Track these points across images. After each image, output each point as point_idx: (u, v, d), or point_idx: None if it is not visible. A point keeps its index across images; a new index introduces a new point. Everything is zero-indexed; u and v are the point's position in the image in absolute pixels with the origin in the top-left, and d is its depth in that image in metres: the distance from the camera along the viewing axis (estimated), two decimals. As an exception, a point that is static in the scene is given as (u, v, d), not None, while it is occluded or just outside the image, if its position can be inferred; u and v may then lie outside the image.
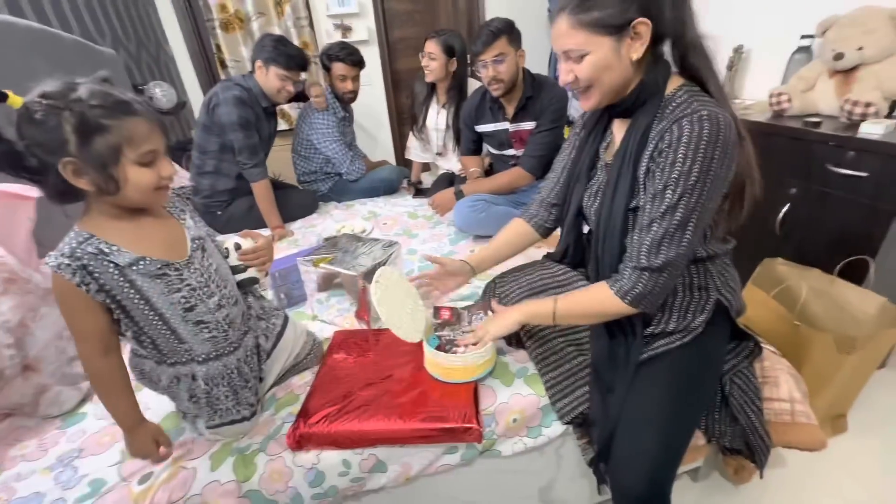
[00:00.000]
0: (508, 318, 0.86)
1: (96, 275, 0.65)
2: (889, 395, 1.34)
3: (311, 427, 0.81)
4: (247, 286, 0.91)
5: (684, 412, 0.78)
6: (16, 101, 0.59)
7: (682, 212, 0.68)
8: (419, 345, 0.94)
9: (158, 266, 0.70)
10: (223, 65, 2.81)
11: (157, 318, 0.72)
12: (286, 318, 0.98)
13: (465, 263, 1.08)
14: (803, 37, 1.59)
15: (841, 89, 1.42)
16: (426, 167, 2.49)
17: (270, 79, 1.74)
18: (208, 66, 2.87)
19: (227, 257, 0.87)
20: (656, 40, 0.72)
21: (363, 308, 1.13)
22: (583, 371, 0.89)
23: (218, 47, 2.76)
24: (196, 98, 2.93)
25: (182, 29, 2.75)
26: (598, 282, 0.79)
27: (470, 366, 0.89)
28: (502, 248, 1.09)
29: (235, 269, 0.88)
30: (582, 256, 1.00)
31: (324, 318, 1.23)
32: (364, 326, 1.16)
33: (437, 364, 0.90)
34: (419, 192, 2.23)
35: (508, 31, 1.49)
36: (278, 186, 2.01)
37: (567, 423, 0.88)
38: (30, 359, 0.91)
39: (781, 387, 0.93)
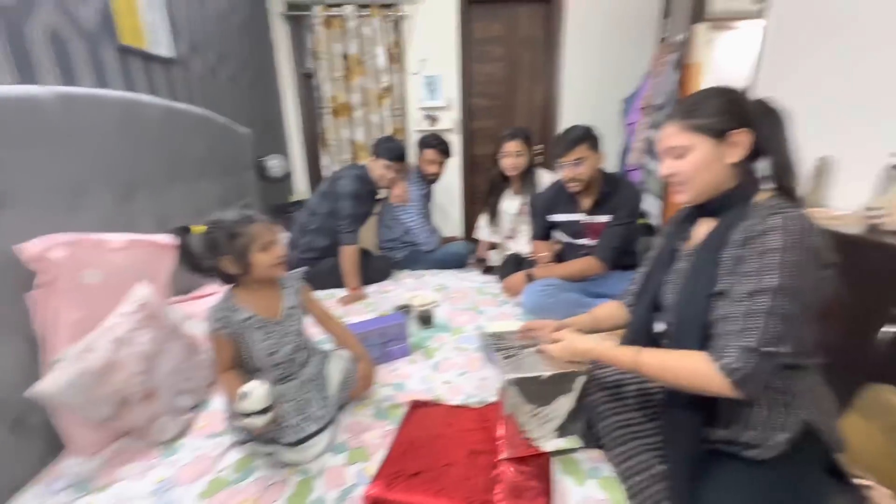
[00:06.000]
0: (583, 345, 0.92)
1: (227, 322, 0.98)
2: None
3: (387, 492, 0.83)
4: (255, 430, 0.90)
5: None
6: (199, 229, 0.96)
7: (783, 297, 0.68)
8: (494, 427, 0.98)
9: (261, 321, 1.02)
10: (324, 143, 3.26)
11: (248, 356, 1.03)
12: (325, 352, 1.21)
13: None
14: (897, 154, 1.57)
15: (946, 209, 1.36)
16: (493, 245, 2.62)
17: (377, 167, 2.15)
18: (313, 143, 3.35)
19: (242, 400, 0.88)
20: (753, 155, 0.81)
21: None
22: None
23: (324, 129, 3.23)
24: (299, 169, 3.38)
25: (299, 113, 3.28)
26: (691, 350, 0.75)
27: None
28: (604, 319, 1.13)
29: (249, 414, 0.87)
30: None
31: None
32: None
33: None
34: (488, 269, 2.33)
35: (587, 138, 1.64)
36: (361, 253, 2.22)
37: None
38: (151, 387, 1.05)
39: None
